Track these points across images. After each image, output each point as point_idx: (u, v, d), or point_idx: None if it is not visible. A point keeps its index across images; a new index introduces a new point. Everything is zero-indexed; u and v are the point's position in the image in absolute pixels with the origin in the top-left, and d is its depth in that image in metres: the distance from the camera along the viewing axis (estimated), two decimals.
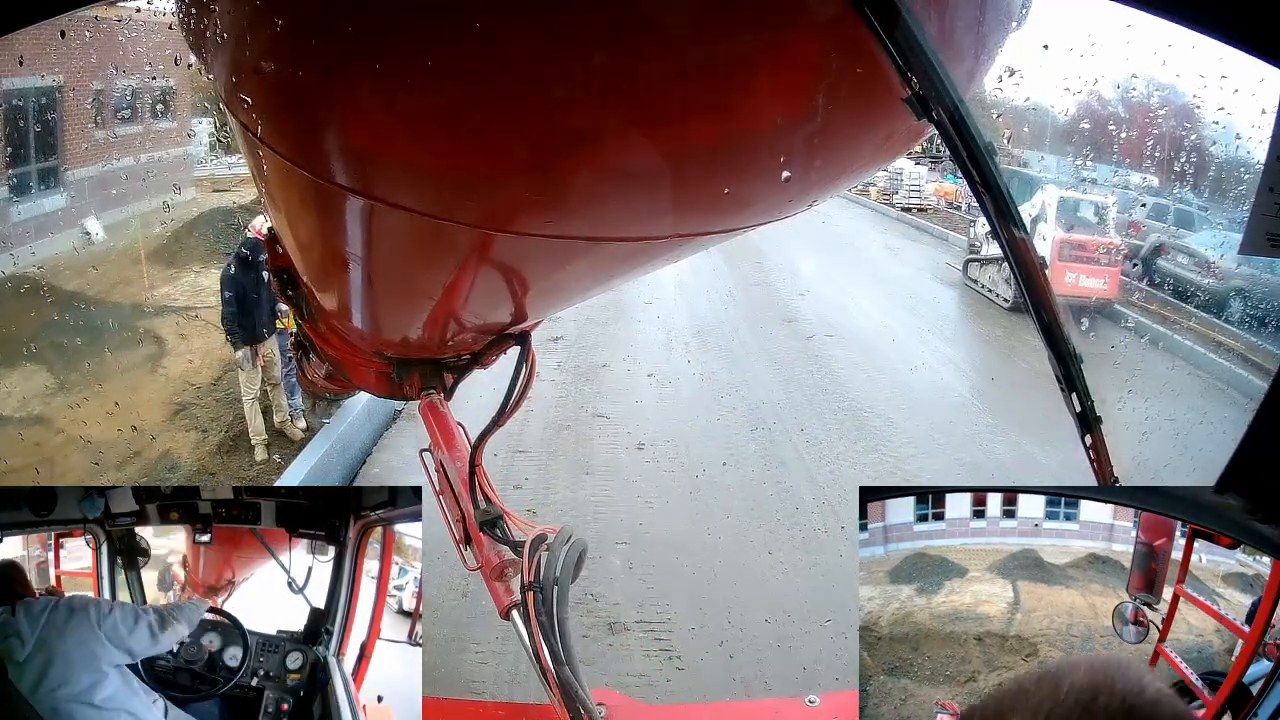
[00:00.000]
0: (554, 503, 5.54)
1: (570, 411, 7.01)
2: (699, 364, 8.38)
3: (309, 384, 2.83)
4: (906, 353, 9.06)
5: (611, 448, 6.46)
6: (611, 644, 4.21)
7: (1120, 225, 11.33)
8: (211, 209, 10.11)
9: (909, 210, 18.66)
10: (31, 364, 6.17)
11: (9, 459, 5.26)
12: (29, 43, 7.47)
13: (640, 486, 5.82)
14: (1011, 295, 10.78)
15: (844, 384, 8.01)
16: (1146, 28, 1.03)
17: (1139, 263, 11.30)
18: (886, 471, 6.16)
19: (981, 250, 12.07)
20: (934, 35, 0.78)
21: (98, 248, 8.83)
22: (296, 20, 0.80)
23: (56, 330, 6.50)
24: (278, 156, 0.97)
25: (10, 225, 8.43)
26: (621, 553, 4.92)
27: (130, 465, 5.58)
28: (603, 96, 0.77)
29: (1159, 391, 6.28)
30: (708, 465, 6.08)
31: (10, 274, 6.78)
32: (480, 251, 1.08)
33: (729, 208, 0.97)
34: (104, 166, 9.74)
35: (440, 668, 3.79)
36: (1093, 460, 1.14)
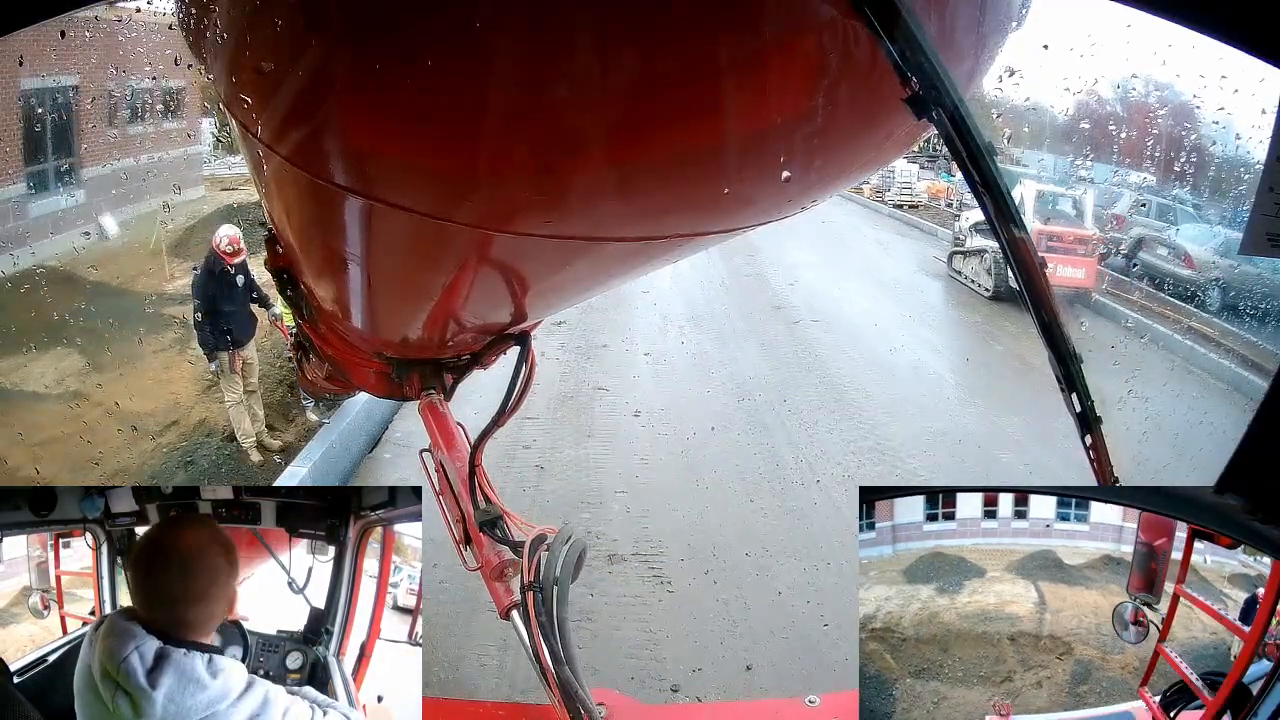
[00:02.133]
0: (560, 460, 6.07)
1: (573, 385, 7.57)
2: (692, 345, 8.99)
3: (308, 384, 2.83)
4: (888, 336, 9.55)
5: (611, 415, 7.03)
6: (611, 572, 4.80)
7: (1105, 220, 11.77)
8: (227, 205, 10.27)
9: (900, 207, 18.98)
10: (65, 347, 6.64)
11: (53, 429, 5.76)
12: (32, 43, 7.54)
13: (636, 447, 6.40)
14: (992, 285, 11.33)
15: (826, 363, 8.58)
16: (1146, 28, 1.03)
17: (1121, 255, 11.72)
18: (860, 436, 6.76)
19: (965, 243, 12.46)
20: (934, 35, 0.78)
21: (112, 243, 9.32)
22: (296, 20, 0.80)
23: (88, 316, 7.01)
24: (278, 156, 0.97)
25: (32, 220, 8.85)
26: (620, 500, 5.56)
27: (170, 431, 6.10)
28: (603, 96, 0.77)
29: (1139, 377, 6.56)
30: (698, 430, 6.65)
31: (36, 265, 7.45)
32: (480, 252, 1.08)
33: (729, 208, 0.97)
34: (112, 165, 9.95)
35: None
36: (1093, 460, 1.14)
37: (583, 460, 6.16)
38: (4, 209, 8.69)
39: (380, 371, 1.76)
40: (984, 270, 11.64)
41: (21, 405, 6.17)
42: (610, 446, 6.42)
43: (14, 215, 8.74)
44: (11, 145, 8.79)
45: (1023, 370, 8.40)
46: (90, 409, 6.23)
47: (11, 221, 8.67)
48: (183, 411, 6.45)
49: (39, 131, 9.07)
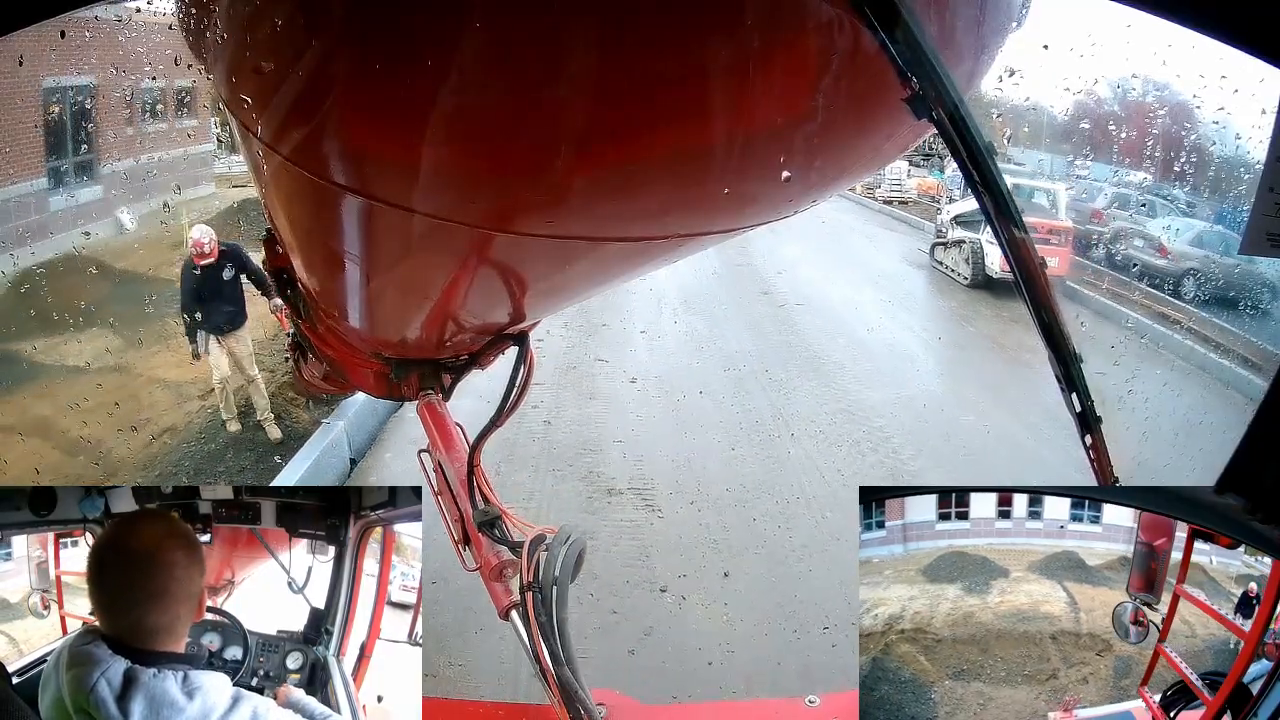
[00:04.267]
0: (565, 417, 7.02)
1: (576, 357, 8.54)
2: (684, 324, 9.83)
3: (305, 384, 2.83)
4: (866, 318, 10.35)
5: (610, 382, 8.01)
6: (610, 502, 5.69)
7: (1084, 214, 12.69)
8: (242, 200, 10.61)
9: (890, 203, 19.49)
10: (100, 328, 7.26)
11: (92, 398, 6.27)
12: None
13: (633, 407, 7.38)
14: (970, 273, 12.07)
15: (807, 340, 9.45)
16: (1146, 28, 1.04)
17: (1101, 246, 12.49)
18: (833, 399, 7.62)
19: (947, 235, 13.16)
20: (934, 35, 0.78)
21: (130, 236, 9.83)
22: (296, 20, 0.80)
23: (118, 300, 7.75)
24: (278, 156, 0.97)
25: (63, 213, 9.36)
26: (618, 447, 6.50)
27: (210, 397, 6.75)
28: (603, 96, 0.77)
29: (1110, 359, 7.09)
30: (687, 393, 7.58)
31: (72, 252, 8.24)
32: (480, 252, 1.07)
33: (729, 208, 0.96)
34: (112, 165, 10.27)
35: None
36: (1093, 460, 1.14)
37: (585, 417, 7.05)
38: (28, 202, 9.10)
39: (378, 372, 1.75)
40: (963, 260, 12.35)
41: (66, 379, 6.67)
42: (609, 407, 7.31)
43: (35, 209, 9.16)
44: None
45: (993, 349, 9.44)
46: (133, 379, 7.01)
47: (33, 215, 9.09)
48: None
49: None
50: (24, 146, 9.12)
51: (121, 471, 5.87)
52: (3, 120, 8.74)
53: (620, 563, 4.90)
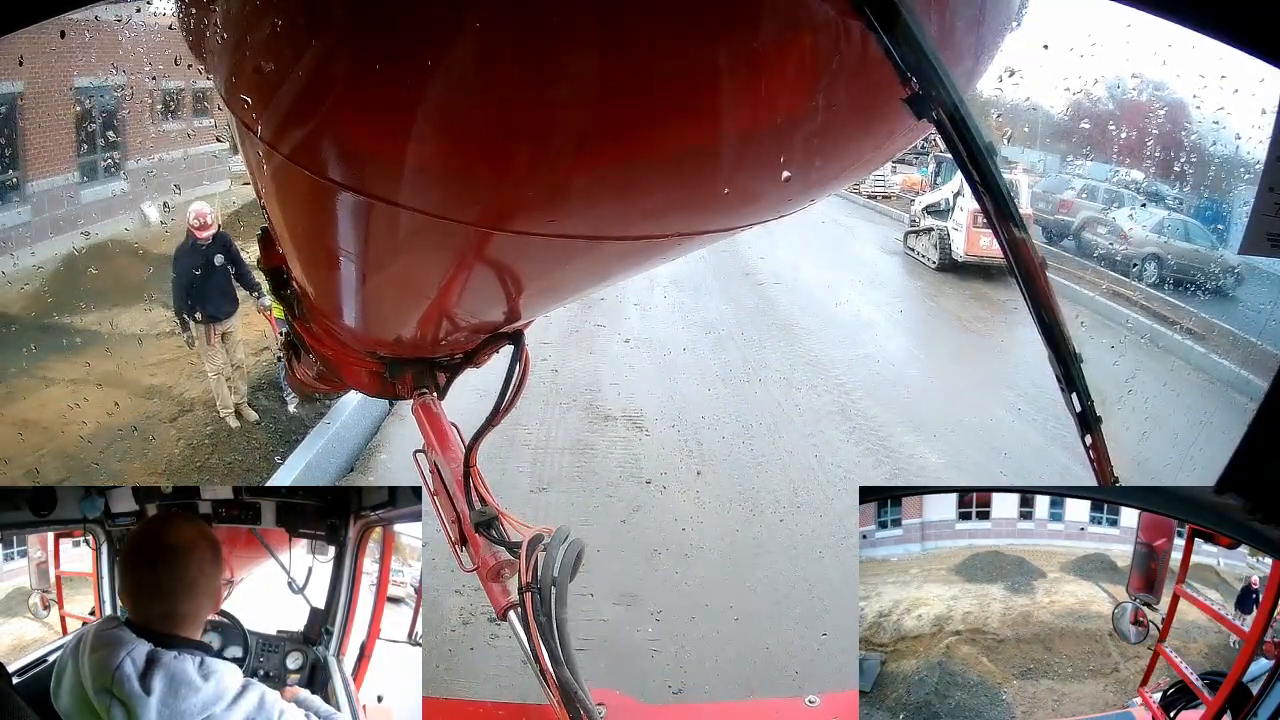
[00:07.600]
0: (568, 367, 8.59)
1: (578, 323, 10.07)
2: (672, 299, 11.34)
3: (298, 383, 2.82)
4: (838, 295, 11.99)
5: (606, 342, 9.67)
6: (606, 424, 7.34)
7: (1053, 206, 14.17)
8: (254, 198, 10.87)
9: (874, 198, 20.20)
10: (148, 302, 8.01)
11: (163, 353, 7.34)
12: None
13: (626, 359, 9.13)
14: (938, 258, 13.60)
15: (782, 312, 11.21)
16: (1146, 28, 1.04)
17: (1069, 235, 13.74)
18: (797, 355, 9.43)
19: (919, 224, 14.51)
20: (934, 35, 0.78)
21: (153, 230, 10.25)
22: (296, 20, 0.80)
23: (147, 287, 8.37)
24: (278, 156, 0.97)
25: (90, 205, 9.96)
26: (612, 388, 8.23)
27: (234, 379, 7.35)
28: (602, 96, 0.77)
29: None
30: (672, 350, 9.33)
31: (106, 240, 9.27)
32: (479, 250, 1.07)
33: (729, 207, 0.96)
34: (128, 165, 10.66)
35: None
36: (1093, 460, 1.14)
37: (585, 368, 8.75)
38: (59, 194, 9.58)
39: (373, 371, 1.75)
40: (932, 246, 13.84)
41: (127, 347, 7.44)
42: (606, 360, 9.03)
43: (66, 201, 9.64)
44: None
45: (952, 322, 11.18)
46: (182, 352, 7.59)
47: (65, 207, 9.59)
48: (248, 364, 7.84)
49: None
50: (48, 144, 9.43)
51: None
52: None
53: (614, 465, 6.50)
